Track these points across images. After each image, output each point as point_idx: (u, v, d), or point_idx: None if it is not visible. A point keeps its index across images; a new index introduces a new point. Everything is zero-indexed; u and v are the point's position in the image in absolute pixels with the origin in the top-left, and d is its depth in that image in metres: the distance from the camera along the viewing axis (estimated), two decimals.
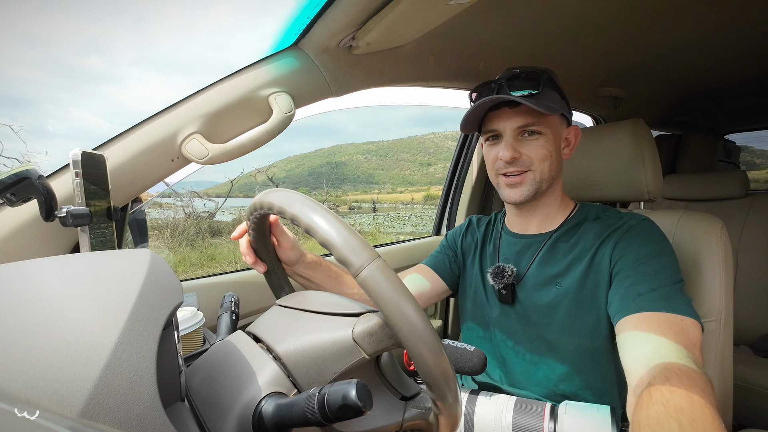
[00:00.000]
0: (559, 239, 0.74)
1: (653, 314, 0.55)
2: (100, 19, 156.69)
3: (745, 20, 0.99)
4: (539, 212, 0.77)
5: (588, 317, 0.68)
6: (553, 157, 0.71)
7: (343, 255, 0.35)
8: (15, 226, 0.58)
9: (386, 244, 1.35)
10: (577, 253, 0.71)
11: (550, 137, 0.71)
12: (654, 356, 0.50)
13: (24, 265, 0.31)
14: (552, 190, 0.76)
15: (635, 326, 0.56)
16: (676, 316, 0.55)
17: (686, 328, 0.54)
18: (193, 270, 6.37)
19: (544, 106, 0.67)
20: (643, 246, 0.65)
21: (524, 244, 0.78)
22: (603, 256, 0.68)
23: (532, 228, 0.79)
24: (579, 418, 0.60)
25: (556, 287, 0.71)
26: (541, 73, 0.69)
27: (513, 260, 0.78)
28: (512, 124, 0.70)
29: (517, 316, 0.76)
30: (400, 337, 0.34)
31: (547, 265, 0.73)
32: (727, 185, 1.65)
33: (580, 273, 0.69)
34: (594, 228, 0.72)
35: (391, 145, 36.77)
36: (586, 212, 0.76)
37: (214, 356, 0.43)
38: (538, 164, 0.70)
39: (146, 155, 0.66)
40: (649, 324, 0.54)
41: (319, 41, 0.74)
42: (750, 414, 1.26)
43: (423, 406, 0.43)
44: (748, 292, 1.53)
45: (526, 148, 0.71)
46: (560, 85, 0.73)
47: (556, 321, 0.71)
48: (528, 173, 0.71)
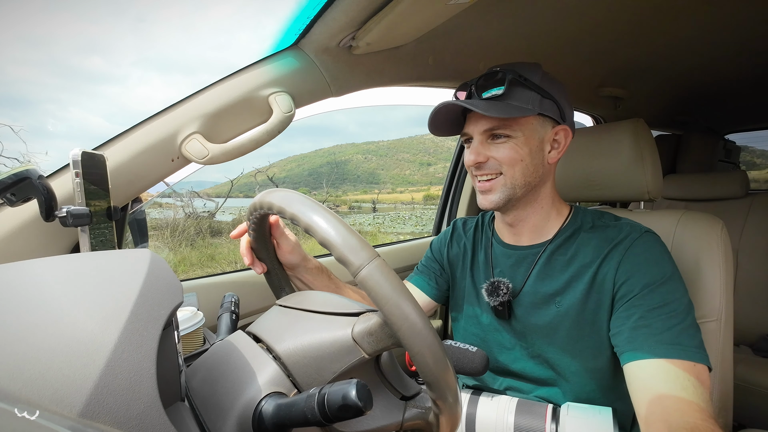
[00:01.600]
0: (554, 252, 0.71)
1: (669, 361, 0.54)
2: (101, 19, 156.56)
3: (745, 20, 0.99)
4: (528, 222, 0.73)
5: (590, 339, 0.66)
6: (526, 162, 0.66)
7: (343, 254, 0.35)
8: (15, 226, 0.58)
9: (386, 244, 1.35)
10: (576, 269, 0.67)
11: (521, 140, 0.66)
12: (676, 412, 0.49)
13: (24, 265, 0.31)
14: (536, 197, 0.71)
15: (650, 373, 0.54)
16: (689, 363, 0.54)
17: (700, 375, 0.53)
18: (193, 270, 6.37)
19: (509, 108, 0.64)
20: (648, 269, 0.61)
21: (518, 257, 0.74)
22: (605, 276, 0.64)
23: (525, 239, 0.75)
24: (581, 420, 0.60)
25: (555, 306, 0.68)
26: (507, 72, 0.65)
27: (508, 274, 0.75)
28: (479, 128, 0.68)
29: (514, 333, 0.73)
30: (399, 336, 0.34)
31: (544, 281, 0.70)
32: (727, 185, 1.65)
33: (581, 292, 0.66)
34: (592, 240, 0.68)
35: (391, 145, 36.76)
36: (581, 220, 0.72)
37: (214, 356, 0.43)
38: (507, 168, 0.67)
39: (146, 155, 0.66)
40: (666, 372, 0.53)
41: (319, 41, 0.74)
42: (750, 414, 1.26)
43: (423, 406, 0.43)
44: (748, 292, 1.53)
45: (494, 152, 0.67)
46: (544, 83, 0.67)
47: (556, 342, 0.68)
48: (499, 178, 0.68)
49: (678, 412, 0.49)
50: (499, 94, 0.65)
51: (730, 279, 0.74)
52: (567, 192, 0.97)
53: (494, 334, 0.76)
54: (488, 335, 0.77)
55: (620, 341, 0.60)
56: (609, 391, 0.67)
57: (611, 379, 0.66)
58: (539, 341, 0.70)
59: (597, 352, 0.65)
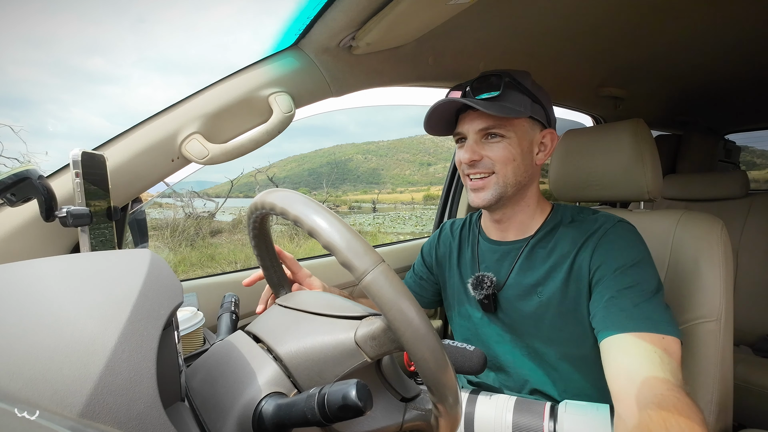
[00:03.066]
0: (536, 245, 0.74)
1: (637, 335, 0.56)
2: (101, 19, 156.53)
3: (745, 20, 0.99)
4: (515, 219, 0.76)
5: (573, 327, 0.68)
6: (517, 161, 0.70)
7: (347, 259, 0.35)
8: (15, 226, 0.58)
9: (386, 244, 1.35)
10: (555, 259, 0.70)
11: (514, 140, 0.69)
12: (644, 387, 0.50)
13: (24, 265, 0.31)
14: (523, 196, 0.74)
15: (620, 347, 0.57)
16: (657, 336, 0.56)
17: (668, 347, 0.55)
18: (193, 270, 6.37)
19: (505, 109, 0.66)
20: (620, 253, 0.64)
21: (503, 252, 0.77)
22: (582, 264, 0.67)
23: (510, 235, 0.78)
24: (579, 417, 0.60)
25: (537, 296, 0.71)
26: (502, 75, 0.69)
27: (493, 268, 0.77)
28: (474, 127, 0.70)
29: (503, 325, 0.76)
30: (402, 341, 0.34)
31: (526, 273, 0.73)
32: (727, 185, 1.65)
33: (560, 281, 0.68)
34: (570, 233, 0.71)
35: (391, 145, 36.75)
36: (561, 215, 0.75)
37: (214, 356, 0.43)
38: (500, 167, 0.70)
39: (146, 155, 0.66)
40: (634, 346, 0.55)
41: (319, 41, 0.74)
42: (750, 414, 1.26)
43: (423, 408, 0.43)
44: (748, 292, 1.53)
45: (488, 150, 0.70)
46: (534, 89, 0.71)
47: (542, 331, 0.71)
48: (491, 177, 0.71)
49: (646, 386, 0.50)
50: (495, 96, 0.67)
51: (730, 279, 0.74)
52: (567, 192, 0.97)
53: (485, 329, 0.79)
54: (480, 330, 0.80)
55: (596, 323, 0.63)
56: (598, 382, 0.68)
57: (598, 370, 0.68)
58: (526, 332, 0.73)
59: (581, 340, 0.68)
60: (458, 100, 0.68)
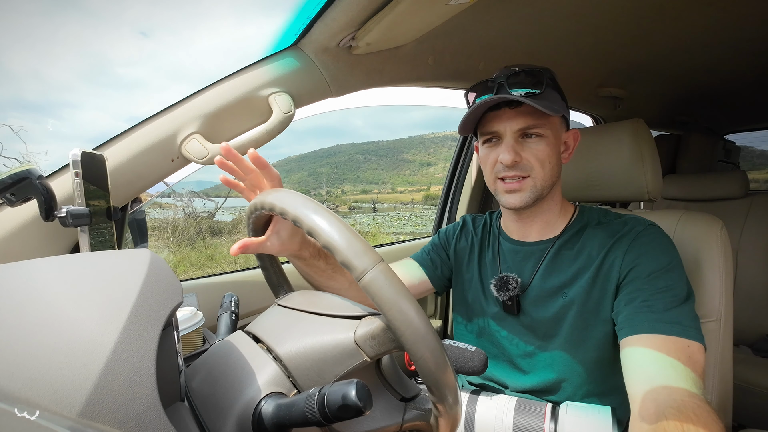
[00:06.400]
0: (562, 247, 0.72)
1: (664, 338, 0.55)
2: (102, 19, 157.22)
3: (745, 20, 0.99)
4: (540, 218, 0.75)
5: (593, 329, 0.67)
6: (552, 161, 0.68)
7: (346, 258, 0.35)
8: (15, 226, 0.58)
9: (386, 244, 1.35)
10: (583, 261, 0.69)
11: (551, 140, 0.67)
12: (664, 391, 0.49)
13: (24, 265, 0.31)
14: (552, 196, 0.73)
15: (644, 348, 0.55)
16: (684, 341, 0.55)
17: (694, 355, 0.54)
18: (193, 270, 6.37)
19: (548, 107, 0.63)
20: (655, 256, 0.63)
21: (526, 253, 0.76)
22: (612, 265, 0.65)
23: (533, 235, 0.76)
24: (580, 419, 0.60)
25: (562, 297, 0.69)
26: (543, 71, 0.66)
27: (516, 269, 0.76)
28: (513, 126, 0.66)
29: (521, 327, 0.74)
30: (402, 341, 0.34)
31: (552, 275, 0.71)
32: (727, 185, 1.65)
33: (586, 282, 0.67)
34: (598, 234, 0.70)
35: (391, 145, 36.74)
36: (588, 217, 0.74)
37: (213, 356, 0.43)
38: (538, 169, 0.67)
39: (146, 155, 0.66)
40: (660, 348, 0.54)
41: (319, 41, 0.74)
42: (750, 414, 1.26)
43: (423, 408, 0.43)
44: (748, 292, 1.53)
45: (527, 151, 0.67)
46: (558, 89, 0.70)
47: (561, 333, 0.69)
48: (528, 179, 0.68)
49: (666, 390, 0.49)
50: (538, 93, 0.65)
51: (729, 279, 0.74)
52: (567, 192, 0.97)
53: (498, 328, 0.77)
54: (492, 328, 0.78)
55: (621, 320, 0.61)
56: (609, 387, 0.68)
57: (612, 375, 0.67)
58: (547, 333, 0.71)
59: (600, 343, 0.67)
60: (512, 97, 0.64)
